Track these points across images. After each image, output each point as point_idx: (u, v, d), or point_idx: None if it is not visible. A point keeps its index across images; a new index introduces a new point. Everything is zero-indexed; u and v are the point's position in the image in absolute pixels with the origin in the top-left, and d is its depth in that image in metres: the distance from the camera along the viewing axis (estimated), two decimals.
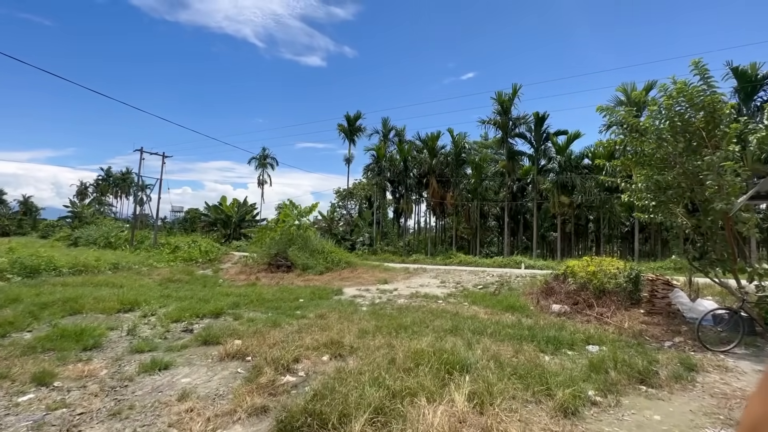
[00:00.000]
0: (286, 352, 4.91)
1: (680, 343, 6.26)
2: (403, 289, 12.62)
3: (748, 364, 5.31)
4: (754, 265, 6.39)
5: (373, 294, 11.56)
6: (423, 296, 11.16)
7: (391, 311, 8.62)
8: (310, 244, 19.04)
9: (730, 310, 5.82)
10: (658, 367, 5.00)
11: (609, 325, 7.44)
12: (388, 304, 9.70)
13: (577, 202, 24.31)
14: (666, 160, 7.18)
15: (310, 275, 16.09)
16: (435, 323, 7.07)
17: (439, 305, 9.68)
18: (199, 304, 8.33)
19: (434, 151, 29.16)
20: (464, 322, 7.22)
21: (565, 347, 5.83)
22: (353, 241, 28.60)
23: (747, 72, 19.77)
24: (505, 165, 26.65)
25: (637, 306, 8.70)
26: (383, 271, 17.28)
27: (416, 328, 6.61)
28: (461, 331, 6.50)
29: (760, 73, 19.79)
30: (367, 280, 14.99)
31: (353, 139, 33.61)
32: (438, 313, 8.23)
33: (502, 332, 6.45)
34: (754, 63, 20.22)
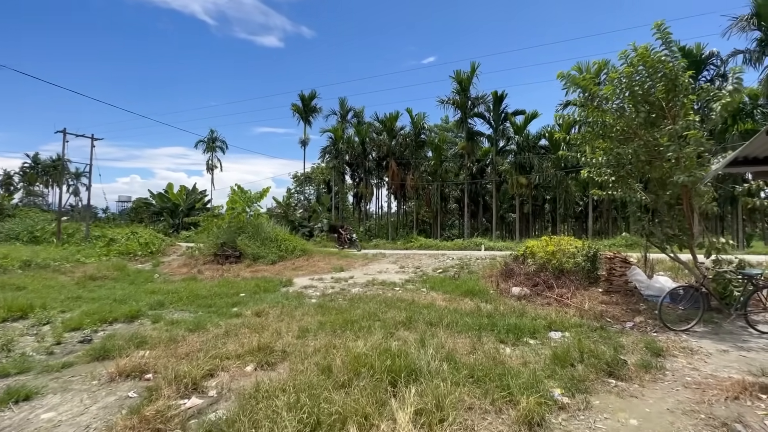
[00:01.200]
0: (198, 365, 3.96)
1: (641, 324, 5.98)
2: (360, 277, 11.86)
3: (711, 343, 5.05)
4: (712, 239, 6.21)
5: (326, 284, 10.70)
6: (380, 284, 10.45)
7: (342, 303, 7.82)
8: (261, 232, 17.70)
9: (690, 287, 5.57)
10: (624, 354, 4.58)
11: (570, 307, 7.10)
12: (340, 295, 8.89)
13: (534, 183, 24.66)
14: (626, 132, 6.81)
15: (261, 265, 14.90)
16: (388, 315, 6.35)
17: (395, 293, 9.01)
18: (113, 306, 7.06)
19: (393, 132, 28.28)
20: (420, 312, 6.56)
21: (526, 335, 5.32)
22: (311, 228, 27.35)
23: (692, 51, 20.54)
24: (465, 146, 26.40)
25: (596, 285, 8.51)
26: (340, 258, 16.41)
27: (366, 322, 5.85)
28: (415, 324, 5.83)
29: (705, 52, 20.65)
30: (322, 269, 14.08)
31: (309, 120, 31.87)
32: (393, 302, 7.53)
33: (460, 322, 5.85)
34: (698, 43, 21.11)
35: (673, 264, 10.91)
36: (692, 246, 6.72)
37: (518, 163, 24.76)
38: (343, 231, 21.24)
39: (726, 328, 5.70)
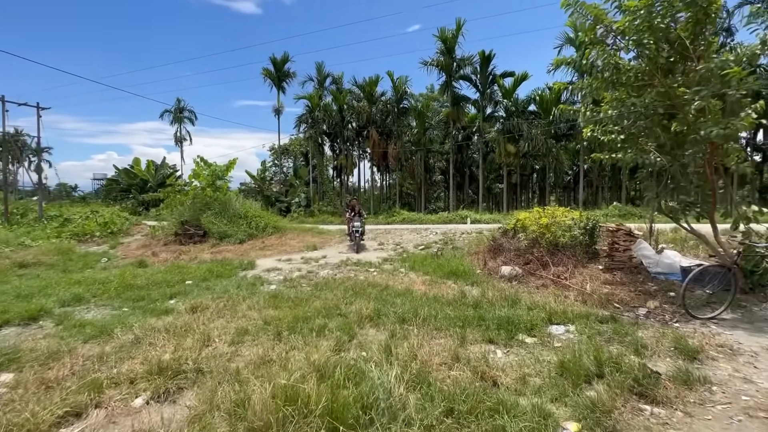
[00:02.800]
0: (57, 403, 2.72)
1: (657, 311, 4.97)
2: (333, 256, 10.66)
3: (749, 336, 4.06)
4: (742, 208, 5.15)
5: (294, 265, 9.47)
6: (354, 264, 9.28)
7: (305, 290, 6.64)
8: (230, 209, 16.19)
9: (721, 266, 4.54)
10: (649, 356, 3.53)
11: (569, 289, 6.06)
12: (306, 279, 7.69)
13: (523, 151, 23.49)
14: (642, 78, 5.56)
15: (227, 245, 13.53)
16: (353, 307, 5.19)
17: (369, 275, 7.86)
18: (11, 304, 5.70)
19: (373, 99, 26.29)
20: (392, 301, 5.42)
21: (522, 332, 4.24)
22: (288, 203, 25.78)
23: None
24: (450, 112, 24.76)
25: (595, 261, 7.50)
26: (315, 235, 15.15)
27: (322, 319, 4.68)
28: (385, 319, 4.68)
29: None
30: (293, 247, 12.81)
31: (282, 86, 29.44)
32: (363, 289, 6.37)
33: (440, 315, 4.73)
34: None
35: (675, 235, 10.03)
36: (713, 216, 5.67)
37: (506, 129, 23.35)
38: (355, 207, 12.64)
39: (758, 314, 4.73)
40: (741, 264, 4.55)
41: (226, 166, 17.20)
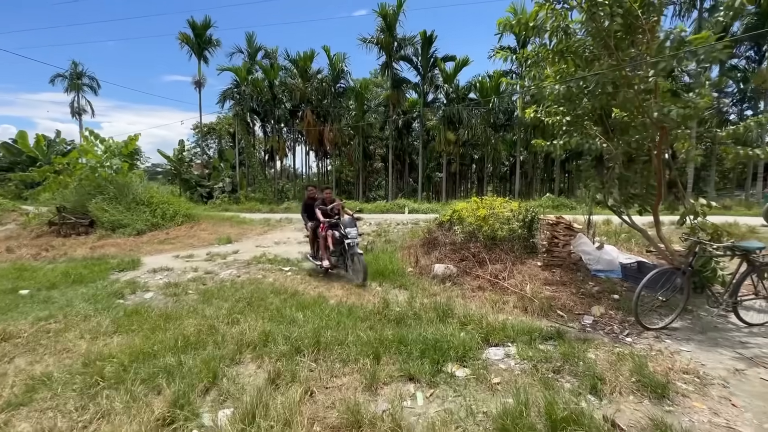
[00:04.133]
0: None
1: (604, 319, 4.29)
2: (248, 251, 9.07)
3: (707, 353, 3.45)
4: (690, 201, 4.65)
5: (193, 263, 7.76)
6: (268, 260, 7.82)
7: (189, 299, 5.12)
8: (129, 194, 13.65)
9: (675, 269, 3.92)
10: (609, 394, 2.69)
11: (508, 292, 5.26)
12: (196, 283, 6.12)
13: (462, 140, 23.22)
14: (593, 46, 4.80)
15: (119, 237, 11.22)
16: (237, 328, 3.84)
17: (281, 276, 6.51)
18: None
19: (308, 75, 24.16)
20: (294, 317, 4.15)
21: (451, 360, 3.22)
22: (210, 188, 23.00)
23: None
24: (390, 95, 23.59)
25: (534, 256, 6.88)
26: (234, 226, 13.29)
27: (176, 355, 3.26)
28: (274, 347, 3.41)
29: None
30: (203, 240, 10.92)
31: (204, 56, 25.93)
32: (264, 297, 5.02)
33: (350, 338, 3.57)
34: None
35: (608, 228, 9.93)
36: (657, 210, 5.17)
37: (447, 117, 22.84)
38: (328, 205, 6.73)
39: (707, 320, 4.24)
40: (695, 266, 3.98)
41: (125, 143, 14.44)
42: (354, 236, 5.89)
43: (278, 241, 10.51)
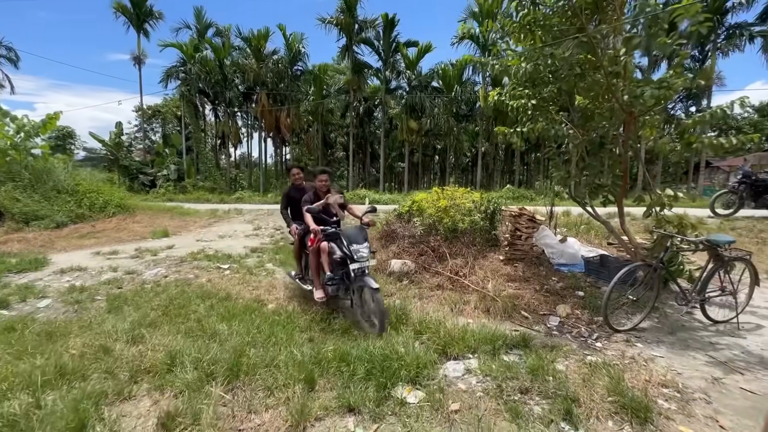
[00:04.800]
0: None
1: (570, 319, 3.93)
2: (186, 246, 8.06)
3: (680, 357, 3.16)
4: (656, 191, 4.40)
5: (116, 261, 6.69)
6: (207, 257, 6.90)
7: (95, 306, 4.21)
8: (49, 181, 11.93)
9: (646, 266, 3.61)
10: (585, 420, 2.26)
11: (469, 290, 4.82)
12: (111, 285, 5.17)
13: (425, 129, 22.83)
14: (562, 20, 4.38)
15: (34, 230, 9.69)
16: (137, 348, 3.06)
17: (218, 275, 5.69)
18: None
19: (262, 56, 22.54)
20: (217, 329, 3.42)
21: (402, 381, 2.66)
22: (154, 176, 21.00)
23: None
24: (350, 80, 22.59)
25: (495, 250, 6.54)
26: (176, 217, 12.04)
27: (54, 389, 2.46)
28: (181, 373, 2.68)
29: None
30: (135, 234, 9.69)
31: (145, 29, 23.38)
32: (186, 303, 4.22)
33: (281, 356, 2.92)
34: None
35: (566, 219, 9.85)
36: (622, 201, 4.92)
37: (409, 105, 22.31)
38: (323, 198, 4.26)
39: (674, 318, 4.01)
40: (667, 261, 3.71)
41: (42, 122, 12.57)
42: (364, 257, 3.61)
43: (223, 235, 9.52)
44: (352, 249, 3.58)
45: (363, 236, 3.74)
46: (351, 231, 3.82)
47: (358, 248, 3.59)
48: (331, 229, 3.83)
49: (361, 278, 3.55)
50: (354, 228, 3.91)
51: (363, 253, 3.57)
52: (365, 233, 3.82)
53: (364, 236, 3.75)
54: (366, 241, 3.71)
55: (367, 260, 3.60)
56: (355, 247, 3.59)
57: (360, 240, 3.67)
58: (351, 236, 3.70)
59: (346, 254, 3.63)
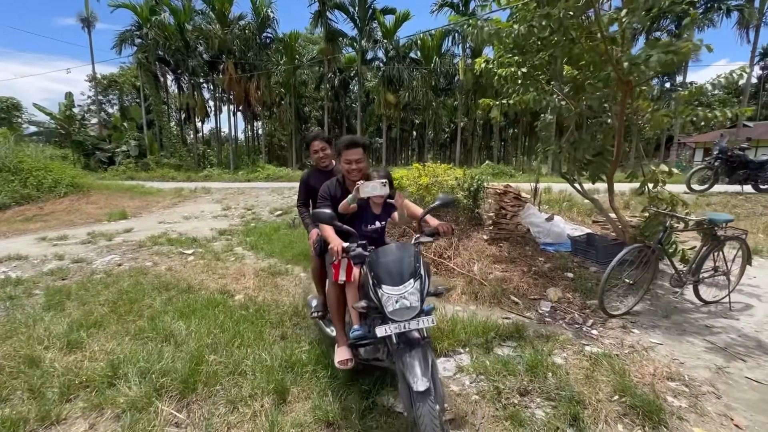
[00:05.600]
0: None
1: (562, 304, 3.72)
2: (146, 228, 7.39)
3: (679, 344, 3.00)
4: (651, 167, 4.18)
5: (63, 248, 6.00)
6: (170, 241, 6.32)
7: (19, 308, 3.64)
8: None
9: (644, 247, 3.40)
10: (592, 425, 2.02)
11: (455, 274, 4.54)
12: (53, 277, 4.57)
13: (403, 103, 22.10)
14: None
15: None
16: (79, 355, 2.60)
17: (180, 261, 5.18)
18: None
19: (227, 20, 20.79)
20: (173, 329, 2.97)
21: (387, 388, 2.35)
22: (112, 152, 19.40)
23: None
24: (324, 50, 21.33)
25: (479, 229, 6.29)
26: (135, 198, 11.16)
27: None
28: (125, 387, 2.25)
29: None
30: (89, 216, 8.87)
31: None
32: (140, 297, 3.71)
33: (248, 360, 2.53)
34: None
35: (548, 196, 9.74)
36: (612, 177, 4.69)
37: (387, 77, 21.42)
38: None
39: (666, 300, 3.87)
40: (665, 242, 3.51)
41: None
42: (408, 308, 1.81)
43: (189, 216, 8.84)
44: (381, 293, 1.82)
45: (409, 263, 1.88)
46: (387, 254, 1.96)
47: (395, 292, 1.79)
48: (355, 249, 1.98)
49: (403, 353, 1.76)
50: (395, 248, 2.00)
51: (405, 302, 1.78)
52: (415, 257, 1.93)
53: (411, 263, 1.89)
54: (415, 276, 1.85)
55: (414, 314, 1.80)
56: (389, 291, 1.80)
57: (400, 273, 1.85)
58: (383, 266, 1.88)
59: (371, 304, 1.92)
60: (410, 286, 1.80)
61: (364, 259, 1.98)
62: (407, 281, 1.81)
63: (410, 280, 1.82)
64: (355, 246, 2.00)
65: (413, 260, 1.89)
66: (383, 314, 1.82)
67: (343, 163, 2.38)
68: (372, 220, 2.35)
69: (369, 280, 1.89)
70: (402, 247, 2.00)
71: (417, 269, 1.87)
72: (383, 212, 2.39)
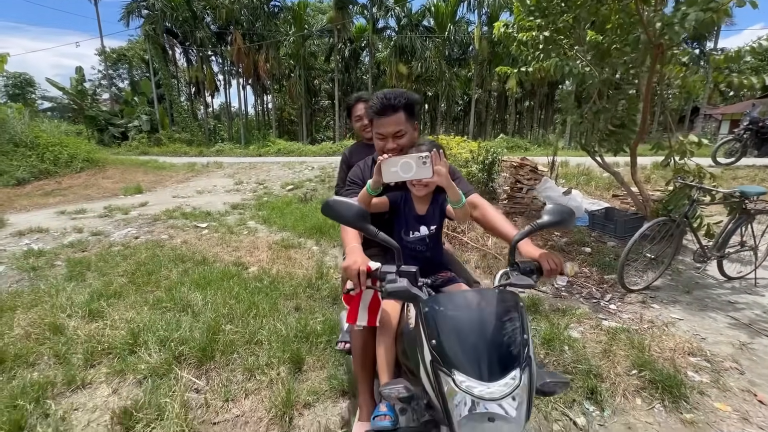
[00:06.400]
0: None
1: (579, 279, 3.66)
2: (161, 203, 7.48)
3: (701, 319, 2.92)
4: (679, 137, 3.96)
5: (82, 221, 6.12)
6: (185, 215, 6.39)
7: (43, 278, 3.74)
8: (5, 133, 10.86)
9: (669, 221, 3.27)
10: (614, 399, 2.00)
11: (468, 248, 4.49)
12: (74, 249, 4.67)
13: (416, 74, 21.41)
14: None
15: None
16: (100, 323, 2.67)
17: (195, 235, 5.23)
18: None
19: None
20: (189, 299, 3.02)
21: None
22: (125, 127, 19.50)
23: None
24: (334, 18, 20.65)
25: (494, 203, 6.18)
26: (149, 172, 11.26)
27: None
28: (144, 354, 2.31)
29: None
30: (105, 190, 9.01)
31: None
32: (157, 269, 3.78)
33: (264, 330, 2.57)
34: None
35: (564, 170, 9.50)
36: (636, 149, 4.49)
37: (398, 47, 20.67)
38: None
39: (687, 275, 3.76)
40: (691, 215, 3.37)
41: None
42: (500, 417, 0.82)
43: (202, 190, 8.90)
44: (449, 385, 0.87)
45: (512, 336, 0.92)
46: (465, 307, 0.99)
47: (479, 391, 0.84)
48: (392, 275, 1.08)
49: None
50: (480, 298, 1.01)
51: (499, 410, 0.83)
52: (521, 321, 0.95)
53: (515, 335, 0.92)
54: (520, 363, 0.89)
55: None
56: (469, 388, 0.85)
57: (493, 353, 0.89)
58: (456, 332, 0.93)
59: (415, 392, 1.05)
60: (512, 384, 0.85)
61: (409, 297, 1.04)
62: (508, 372, 0.86)
63: (513, 370, 0.87)
64: (394, 271, 1.09)
65: (518, 328, 0.93)
66: (445, 419, 0.89)
67: (375, 139, 1.52)
68: (414, 224, 1.46)
69: (424, 350, 0.96)
70: (492, 297, 1.00)
71: (525, 348, 0.92)
72: (432, 210, 1.46)
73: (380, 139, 1.49)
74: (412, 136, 1.51)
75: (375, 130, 1.51)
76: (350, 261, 1.17)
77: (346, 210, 1.11)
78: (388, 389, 1.05)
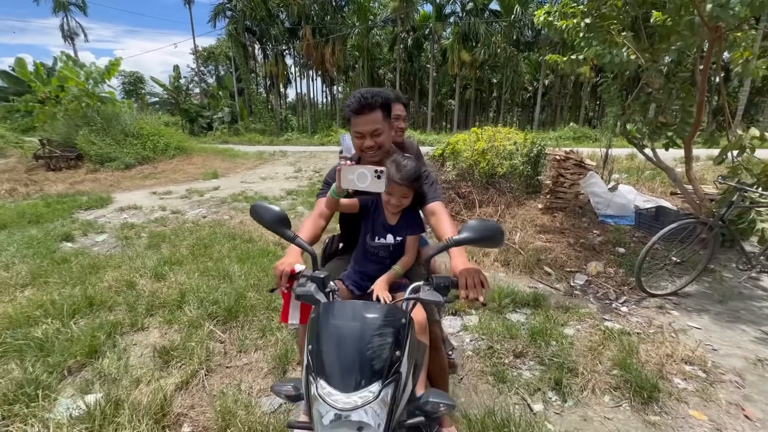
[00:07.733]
0: None
1: (600, 279, 3.54)
2: (231, 187, 8.52)
3: (721, 329, 2.71)
4: (738, 131, 3.54)
5: (167, 200, 7.29)
6: (247, 198, 7.26)
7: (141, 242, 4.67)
8: (118, 125, 13.00)
9: (701, 222, 3.02)
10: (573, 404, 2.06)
11: None
12: (157, 224, 5.66)
13: (479, 60, 20.66)
14: None
15: (106, 171, 10.83)
16: (162, 284, 3.35)
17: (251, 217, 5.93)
18: None
19: None
20: (230, 270, 3.60)
21: None
22: (210, 119, 21.96)
23: None
24: (397, 7, 20.72)
25: (536, 197, 6.02)
26: (226, 159, 12.67)
27: (83, 316, 2.80)
28: (191, 309, 2.89)
29: None
30: (188, 175, 10.41)
31: None
32: (212, 244, 4.48)
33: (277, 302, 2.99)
34: None
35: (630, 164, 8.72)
36: (691, 142, 4.08)
37: (462, 32, 20.09)
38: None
39: (730, 284, 3.43)
40: (729, 217, 3.06)
41: (106, 69, 13.41)
42: None
43: (265, 177, 9.87)
44: (315, 391, 0.90)
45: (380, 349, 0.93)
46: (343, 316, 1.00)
47: (336, 401, 0.87)
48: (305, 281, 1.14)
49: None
50: (362, 308, 1.02)
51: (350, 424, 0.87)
52: (395, 335, 0.97)
53: (383, 349, 0.93)
54: (384, 378, 0.90)
55: None
56: (327, 396, 0.88)
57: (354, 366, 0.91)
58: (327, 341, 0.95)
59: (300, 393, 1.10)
60: (369, 399, 0.87)
61: (313, 301, 1.08)
62: (365, 386, 0.88)
63: (373, 384, 0.88)
64: (322, 274, 1.13)
65: (389, 343, 0.94)
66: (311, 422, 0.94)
67: (354, 137, 1.58)
68: (381, 230, 1.53)
69: (306, 356, 0.98)
70: (376, 311, 1.00)
71: (393, 365, 0.92)
72: (402, 223, 1.52)
73: (358, 137, 1.56)
74: (389, 135, 1.60)
75: (353, 129, 1.57)
76: (280, 261, 1.26)
77: (266, 214, 1.18)
78: (278, 387, 1.15)
